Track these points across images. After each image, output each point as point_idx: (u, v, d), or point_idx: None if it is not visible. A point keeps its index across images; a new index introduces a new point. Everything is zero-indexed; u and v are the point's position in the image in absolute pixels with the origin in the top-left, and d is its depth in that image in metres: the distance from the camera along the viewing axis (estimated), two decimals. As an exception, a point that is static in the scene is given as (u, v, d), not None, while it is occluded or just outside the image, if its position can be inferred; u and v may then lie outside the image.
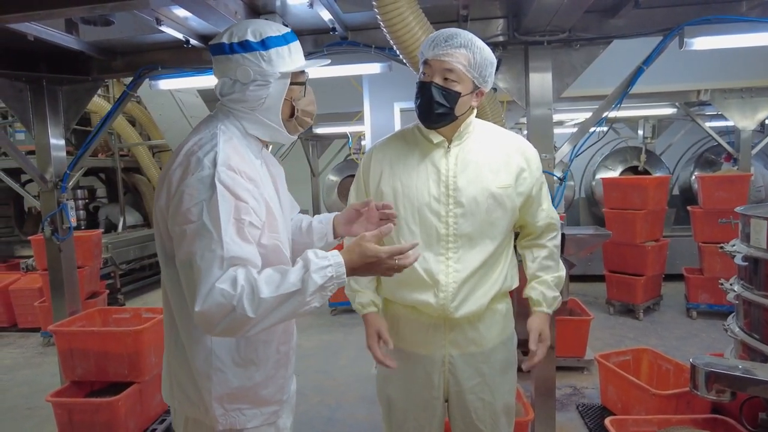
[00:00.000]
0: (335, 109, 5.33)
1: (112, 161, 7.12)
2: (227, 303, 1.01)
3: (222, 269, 1.04)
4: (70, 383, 2.80)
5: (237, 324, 1.03)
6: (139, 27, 2.43)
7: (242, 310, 1.02)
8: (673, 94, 4.57)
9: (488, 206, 1.43)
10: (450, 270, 1.43)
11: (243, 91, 1.17)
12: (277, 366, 1.27)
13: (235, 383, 1.20)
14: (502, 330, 1.55)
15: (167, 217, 1.12)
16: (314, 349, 4.22)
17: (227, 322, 1.03)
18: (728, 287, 2.19)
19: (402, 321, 1.53)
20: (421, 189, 1.44)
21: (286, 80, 1.19)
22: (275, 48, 1.16)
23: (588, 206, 6.68)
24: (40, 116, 2.96)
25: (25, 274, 5.24)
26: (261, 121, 1.22)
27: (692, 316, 4.64)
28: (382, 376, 1.61)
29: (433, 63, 1.37)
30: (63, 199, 3.03)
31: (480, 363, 1.50)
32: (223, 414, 1.20)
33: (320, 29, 2.50)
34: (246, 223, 1.09)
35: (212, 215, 1.05)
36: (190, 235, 1.06)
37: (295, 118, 1.26)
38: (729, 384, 1.70)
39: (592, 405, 3.04)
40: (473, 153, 1.46)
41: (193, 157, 1.11)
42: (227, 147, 1.13)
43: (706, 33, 2.24)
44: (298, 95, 1.25)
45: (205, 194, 1.06)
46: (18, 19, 1.91)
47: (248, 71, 1.15)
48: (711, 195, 4.49)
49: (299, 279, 1.05)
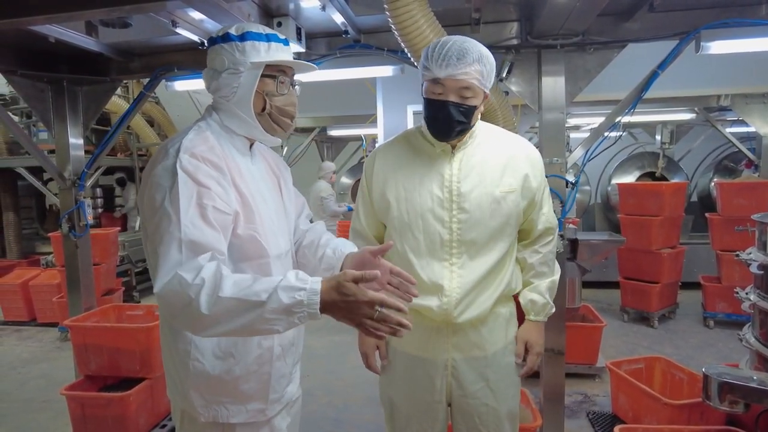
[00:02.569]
0: (349, 111, 5.36)
1: (131, 161, 7.25)
2: (183, 292, 1.00)
3: (180, 253, 1.03)
4: (84, 377, 2.86)
5: (192, 318, 1.01)
6: (155, 29, 2.48)
7: (197, 304, 0.98)
8: (691, 99, 4.50)
9: (492, 211, 1.42)
10: (454, 276, 1.42)
11: (218, 79, 1.23)
12: (259, 361, 1.25)
13: (213, 373, 1.20)
14: (506, 334, 1.54)
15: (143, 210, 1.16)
16: (324, 349, 4.24)
17: (184, 314, 1.02)
18: (744, 296, 2.14)
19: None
20: (425, 194, 1.43)
21: (257, 71, 1.22)
22: (252, 41, 1.21)
23: (604, 212, 6.60)
24: (60, 116, 3.04)
25: (44, 270, 5.37)
26: (235, 112, 1.24)
27: (709, 326, 4.54)
28: (385, 379, 1.61)
29: (448, 82, 1.33)
30: (81, 197, 3.10)
31: (483, 367, 1.49)
32: (204, 405, 1.22)
33: (333, 32, 2.52)
34: (209, 208, 1.09)
35: (173, 200, 1.07)
36: (155, 222, 1.08)
37: (268, 114, 1.26)
38: (743, 395, 1.66)
39: (603, 413, 3.00)
40: (477, 157, 1.45)
41: (161, 150, 1.16)
42: (196, 138, 1.17)
43: (723, 37, 2.20)
44: (272, 89, 1.25)
45: (168, 181, 1.09)
46: (40, 21, 1.96)
47: (223, 59, 1.21)
48: (730, 202, 4.40)
49: (266, 291, 0.99)
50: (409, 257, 1.44)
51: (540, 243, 1.56)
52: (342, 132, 6.21)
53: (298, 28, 2.34)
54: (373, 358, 1.61)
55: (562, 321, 2.50)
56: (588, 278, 4.11)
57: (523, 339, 1.58)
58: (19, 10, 1.81)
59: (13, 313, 5.28)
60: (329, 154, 7.66)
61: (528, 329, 1.59)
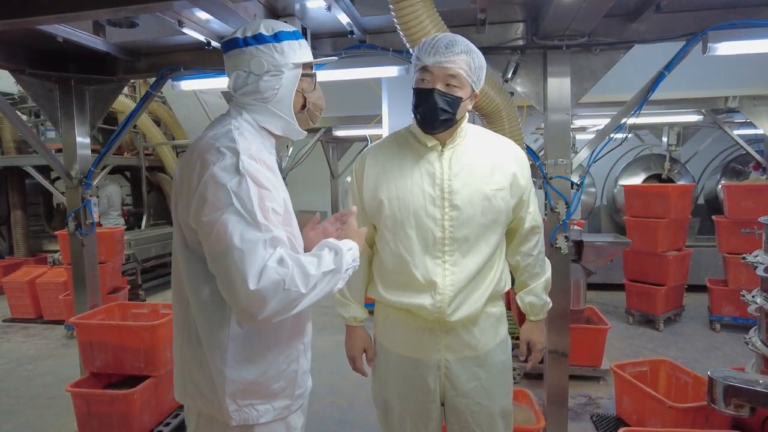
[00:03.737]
0: (355, 111, 5.36)
1: (137, 160, 7.29)
2: (281, 280, 1.05)
3: (265, 249, 1.06)
4: (89, 375, 2.87)
5: (289, 300, 1.07)
6: (162, 29, 2.50)
7: (295, 287, 1.07)
8: (699, 100, 4.45)
9: (483, 208, 1.44)
10: (447, 273, 1.44)
11: (256, 82, 1.21)
12: (288, 360, 1.28)
13: (249, 379, 1.21)
14: (497, 333, 1.56)
15: (190, 211, 1.13)
16: (328, 349, 4.23)
17: (280, 299, 1.06)
18: (750, 299, 2.12)
19: (397, 325, 1.54)
20: (416, 192, 1.45)
21: (297, 71, 1.24)
22: (287, 41, 1.22)
23: (609, 214, 6.57)
24: (68, 115, 3.06)
25: (51, 268, 5.41)
26: (273, 113, 1.25)
27: (715, 329, 4.51)
28: (379, 381, 1.62)
29: (435, 69, 1.36)
30: (87, 195, 3.13)
31: (475, 367, 1.51)
32: (236, 410, 1.21)
33: (338, 32, 2.52)
34: (270, 210, 1.12)
35: (243, 200, 1.07)
36: (222, 223, 1.06)
37: (306, 110, 1.30)
38: (748, 399, 1.64)
39: (607, 416, 2.98)
40: (466, 156, 1.47)
41: (211, 149, 1.13)
42: (242, 139, 1.16)
43: (730, 38, 2.19)
44: (309, 87, 1.30)
45: (231, 181, 1.08)
46: (48, 21, 1.98)
47: (262, 62, 1.20)
48: (737, 205, 4.37)
49: (332, 261, 1.15)
50: (403, 256, 1.46)
51: (529, 243, 1.59)
52: (347, 132, 6.21)
53: (304, 28, 2.36)
54: (360, 361, 1.65)
55: (566, 323, 2.49)
56: (593, 280, 4.10)
57: (526, 339, 1.67)
58: (28, 9, 1.83)
59: (20, 310, 5.34)
60: (334, 154, 7.68)
61: (529, 329, 1.67)
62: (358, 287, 1.60)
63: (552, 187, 2.43)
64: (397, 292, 1.49)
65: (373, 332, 1.64)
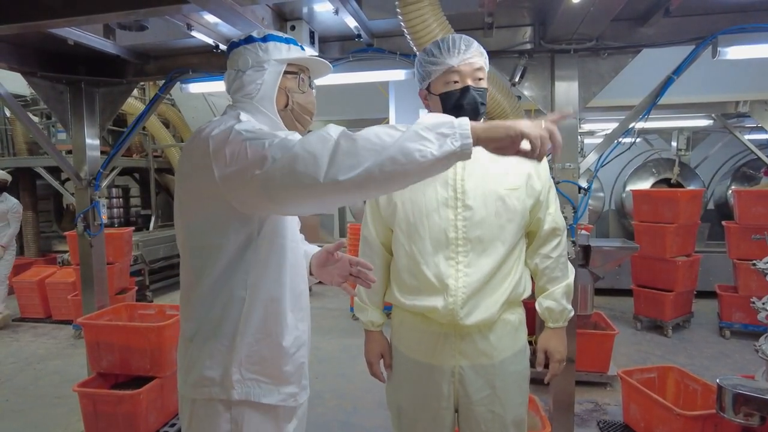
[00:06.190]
0: (362, 115, 5.37)
1: (146, 162, 7.35)
2: (326, 135, 0.98)
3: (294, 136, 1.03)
4: (96, 374, 2.89)
5: (345, 151, 0.96)
6: (171, 32, 2.52)
7: (345, 140, 0.96)
8: (708, 105, 4.42)
9: (497, 209, 1.42)
10: (460, 274, 1.42)
11: (241, 78, 1.26)
12: (296, 344, 1.28)
13: (255, 347, 1.21)
14: (514, 342, 1.52)
15: (201, 184, 1.13)
16: (334, 352, 4.24)
17: (332, 152, 0.96)
18: (760, 306, 2.09)
19: (412, 329, 1.53)
20: (429, 193, 1.44)
21: (280, 68, 1.26)
22: (273, 42, 1.27)
23: (618, 218, 6.52)
24: (78, 117, 3.10)
25: (60, 268, 5.47)
26: (258, 109, 1.26)
27: (725, 336, 4.45)
28: (393, 385, 1.61)
29: (464, 68, 1.39)
30: (96, 196, 3.16)
31: (491, 375, 1.47)
32: (239, 380, 1.20)
33: (346, 36, 2.53)
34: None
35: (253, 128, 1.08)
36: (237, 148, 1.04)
37: (290, 110, 1.30)
38: (758, 407, 1.62)
39: (614, 422, 2.95)
40: (480, 157, 1.44)
41: (209, 126, 1.15)
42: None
43: (741, 42, 2.17)
44: (293, 86, 1.30)
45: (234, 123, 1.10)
46: (60, 24, 2.00)
47: (246, 59, 1.25)
48: (747, 210, 4.32)
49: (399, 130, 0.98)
50: (416, 258, 1.45)
51: (549, 245, 1.55)
52: (354, 135, 6.25)
53: (312, 32, 2.36)
54: (378, 366, 1.62)
55: (574, 328, 2.48)
56: (601, 285, 4.07)
57: (543, 348, 1.58)
58: (40, 13, 1.86)
59: (29, 309, 5.39)
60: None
61: (547, 337, 1.58)
62: (377, 291, 1.60)
63: (559, 191, 2.41)
64: (411, 295, 1.48)
65: (390, 336, 1.63)
